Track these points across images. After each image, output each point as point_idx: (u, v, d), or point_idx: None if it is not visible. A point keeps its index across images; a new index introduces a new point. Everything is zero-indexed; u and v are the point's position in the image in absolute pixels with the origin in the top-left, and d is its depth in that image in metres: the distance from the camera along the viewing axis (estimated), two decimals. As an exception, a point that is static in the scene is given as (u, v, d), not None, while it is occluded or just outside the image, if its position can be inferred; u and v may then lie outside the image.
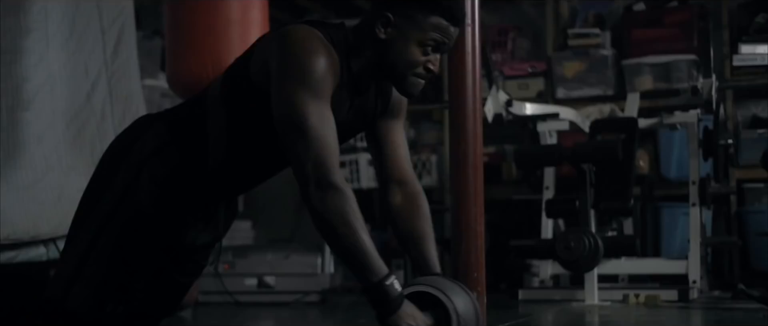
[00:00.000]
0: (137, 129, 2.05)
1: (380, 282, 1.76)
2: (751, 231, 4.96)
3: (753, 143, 5.02)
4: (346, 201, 1.77)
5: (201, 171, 1.99)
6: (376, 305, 1.78)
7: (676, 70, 5.21)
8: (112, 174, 1.98)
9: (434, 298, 1.82)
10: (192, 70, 2.91)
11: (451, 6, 1.89)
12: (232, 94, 1.94)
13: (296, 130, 1.79)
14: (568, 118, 4.44)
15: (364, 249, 1.76)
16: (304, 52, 1.82)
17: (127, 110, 3.40)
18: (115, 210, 1.95)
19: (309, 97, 1.79)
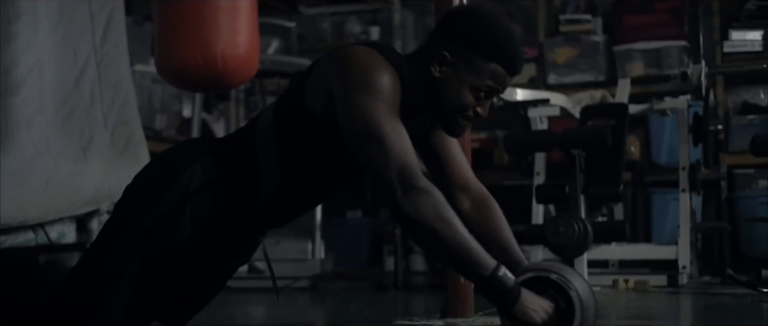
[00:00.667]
0: (183, 157, 1.97)
1: (493, 275, 1.68)
2: (741, 216, 4.99)
3: (743, 129, 5.03)
4: (438, 201, 1.70)
5: (247, 208, 1.95)
6: (494, 299, 1.70)
7: (667, 56, 5.22)
8: (153, 198, 1.91)
9: (551, 282, 1.76)
10: (181, 57, 2.90)
11: (513, 55, 1.83)
12: (285, 125, 1.89)
13: (372, 141, 1.72)
14: (558, 104, 4.45)
15: (470, 246, 1.69)
16: (370, 67, 1.79)
17: (116, 95, 3.39)
18: (150, 236, 1.90)
19: (381, 107, 1.74)
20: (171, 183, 1.92)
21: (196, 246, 1.92)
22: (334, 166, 1.95)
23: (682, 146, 4.27)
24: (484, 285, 1.69)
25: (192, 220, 1.90)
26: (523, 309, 1.70)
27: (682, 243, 4.20)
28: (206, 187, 1.91)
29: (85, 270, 1.97)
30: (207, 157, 1.94)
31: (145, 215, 1.91)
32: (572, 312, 1.74)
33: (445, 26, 1.87)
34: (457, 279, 2.70)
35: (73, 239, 3.27)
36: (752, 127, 5.06)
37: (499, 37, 1.81)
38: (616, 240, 4.18)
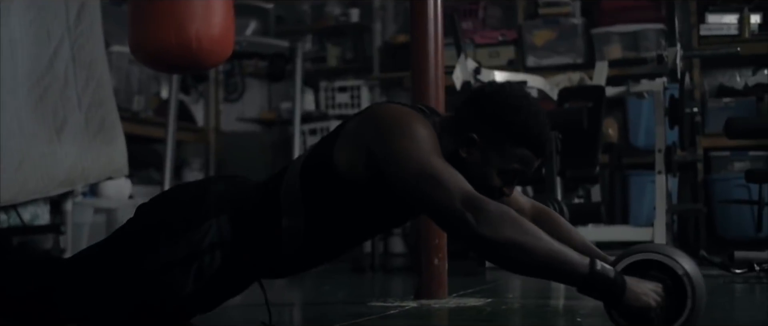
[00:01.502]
0: (201, 206, 1.90)
1: (592, 271, 1.61)
2: (717, 198, 5.03)
3: (719, 112, 5.07)
4: (514, 217, 1.65)
5: (259, 268, 1.94)
6: (601, 294, 1.64)
7: (644, 39, 5.25)
8: (162, 243, 1.88)
9: (653, 263, 1.68)
10: (155, 37, 2.87)
11: (542, 140, 1.81)
12: (314, 187, 1.86)
13: (428, 180, 1.69)
14: (536, 86, 4.46)
15: (559, 249, 1.64)
16: (406, 118, 1.78)
17: (90, 76, 3.36)
18: (151, 278, 1.87)
19: (426, 147, 1.73)
20: (183, 233, 1.88)
21: (193, 297, 1.90)
22: (361, 225, 1.94)
23: (658, 128, 4.29)
24: (586, 283, 1.63)
25: (196, 277, 1.88)
26: (634, 295, 1.63)
27: (657, 225, 4.23)
28: (218, 247, 1.88)
29: (82, 273, 1.95)
30: (225, 216, 1.89)
31: (149, 255, 1.88)
32: (683, 288, 1.67)
33: (474, 106, 1.83)
34: (430, 261, 2.71)
35: (47, 220, 3.25)
36: (728, 109, 5.10)
37: (529, 123, 1.79)
38: (592, 221, 4.20)
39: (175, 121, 4.65)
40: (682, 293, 1.66)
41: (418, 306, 2.50)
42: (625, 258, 1.71)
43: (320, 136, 5.85)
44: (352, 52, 6.28)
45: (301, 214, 1.86)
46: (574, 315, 2.28)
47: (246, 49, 4.71)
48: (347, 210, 1.86)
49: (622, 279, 1.63)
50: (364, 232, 2.01)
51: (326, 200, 1.86)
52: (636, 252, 1.71)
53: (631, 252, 1.72)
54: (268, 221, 1.89)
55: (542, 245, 1.63)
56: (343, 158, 1.82)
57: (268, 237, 1.89)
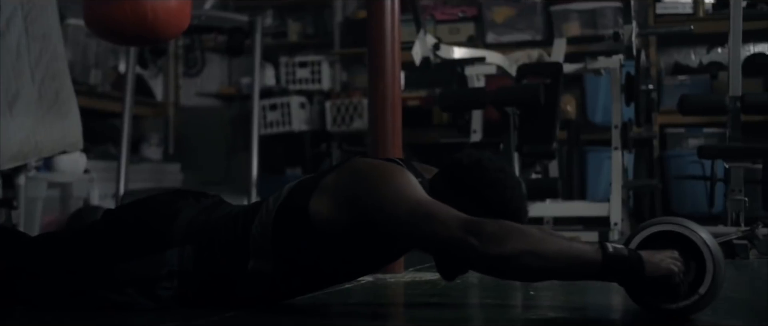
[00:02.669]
0: (166, 232, 1.89)
1: (606, 257, 1.60)
2: (672, 174, 5.11)
3: (675, 89, 5.15)
4: (513, 227, 1.64)
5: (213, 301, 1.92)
6: (622, 276, 1.62)
7: (602, 16, 5.30)
8: (120, 259, 1.88)
9: (666, 234, 1.67)
10: (109, 9, 2.83)
11: (519, 213, 1.81)
12: (287, 235, 1.84)
13: (423, 218, 1.69)
14: (494, 63, 4.48)
15: (568, 244, 1.63)
16: (386, 168, 1.80)
17: (44, 49, 3.30)
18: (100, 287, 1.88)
19: (413, 192, 1.74)
20: (144, 254, 1.88)
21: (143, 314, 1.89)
22: (329, 275, 1.94)
23: (614, 105, 4.34)
24: (605, 268, 1.61)
25: (149, 299, 1.88)
26: (654, 266, 1.61)
27: (613, 200, 4.28)
28: (176, 276, 1.88)
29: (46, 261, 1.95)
30: (189, 246, 1.88)
31: (107, 268, 1.88)
32: (700, 253, 1.65)
33: (452, 178, 1.84)
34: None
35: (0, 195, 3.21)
36: (683, 87, 5.18)
37: (506, 197, 1.79)
38: (548, 197, 4.25)
39: (133, 95, 4.60)
40: (699, 257, 1.65)
41: (373, 281, 2.51)
42: (637, 235, 1.70)
43: (280, 111, 5.83)
44: (313, 27, 6.25)
45: (270, 260, 1.86)
46: (528, 288, 2.31)
47: (204, 23, 4.66)
48: (317, 260, 1.86)
49: (637, 253, 1.63)
50: (332, 279, 2.01)
51: (298, 250, 1.85)
52: (646, 227, 1.70)
53: (642, 228, 1.71)
54: (234, 261, 1.88)
55: (551, 245, 1.62)
56: (321, 210, 1.81)
57: (231, 275, 1.88)
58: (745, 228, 3.36)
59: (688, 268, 1.65)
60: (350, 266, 1.94)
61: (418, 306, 2.05)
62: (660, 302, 1.66)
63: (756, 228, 3.31)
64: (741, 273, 2.79)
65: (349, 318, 1.77)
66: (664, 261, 1.62)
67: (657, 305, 1.67)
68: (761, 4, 4.61)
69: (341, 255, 1.86)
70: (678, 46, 5.49)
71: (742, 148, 3.53)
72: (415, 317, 1.91)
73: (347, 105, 5.71)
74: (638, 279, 1.63)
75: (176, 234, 1.89)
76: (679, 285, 1.63)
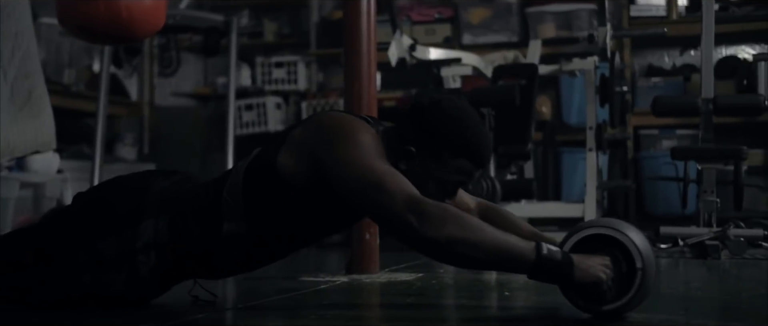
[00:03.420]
0: (141, 203, 1.90)
1: (538, 256, 1.63)
2: (645, 175, 5.15)
3: (648, 91, 5.19)
4: (456, 214, 1.66)
5: (195, 270, 1.93)
6: (551, 277, 1.65)
7: (577, 18, 5.33)
8: (96, 236, 1.87)
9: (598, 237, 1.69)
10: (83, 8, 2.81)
11: (482, 151, 1.83)
12: (257, 194, 1.85)
13: (372, 185, 1.70)
14: (470, 64, 4.49)
15: (504, 240, 1.65)
16: (351, 126, 1.79)
17: (16, 47, 3.27)
18: (82, 270, 1.87)
19: (369, 155, 1.74)
20: (119, 231, 1.87)
21: (125, 293, 1.89)
22: (303, 232, 1.94)
23: (589, 106, 4.37)
24: (535, 269, 1.64)
25: (129, 275, 1.87)
26: (583, 272, 1.64)
27: (588, 201, 4.31)
28: (153, 248, 1.88)
29: (18, 255, 1.94)
30: (163, 217, 1.88)
31: (83, 249, 1.87)
32: (631, 257, 1.68)
33: (412, 119, 1.85)
34: (362, 236, 2.72)
35: (-28, 195, 3.18)
36: (657, 88, 5.23)
37: (467, 134, 1.81)
38: (524, 197, 4.27)
39: (107, 94, 4.57)
40: (631, 263, 1.68)
41: (348, 281, 2.52)
42: (572, 236, 1.72)
43: (256, 111, 5.81)
44: (289, 27, 6.23)
45: (244, 220, 1.86)
46: (503, 288, 2.32)
47: (180, 22, 4.63)
48: (290, 216, 1.86)
49: (569, 258, 1.65)
50: (307, 237, 2.01)
51: (269, 206, 1.86)
52: (581, 229, 1.73)
53: (577, 229, 1.74)
54: (209, 226, 1.88)
55: (486, 237, 1.64)
56: (288, 163, 1.82)
57: (207, 242, 1.88)
58: (717, 229, 3.40)
59: (619, 272, 1.68)
60: (318, 223, 1.93)
61: (394, 307, 2.06)
62: (588, 303, 1.70)
63: (728, 229, 3.35)
64: (713, 273, 2.82)
65: (324, 320, 1.77)
66: (593, 267, 1.65)
67: (585, 306, 1.71)
68: (733, 8, 4.67)
69: (309, 211, 1.86)
70: (652, 48, 5.54)
71: (714, 150, 3.57)
72: (391, 317, 1.91)
73: (323, 105, 5.70)
74: (567, 282, 1.66)
75: (149, 206, 1.89)
76: (605, 291, 1.66)
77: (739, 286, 2.51)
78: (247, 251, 1.90)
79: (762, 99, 3.65)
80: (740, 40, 5.32)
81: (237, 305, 2.09)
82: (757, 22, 4.81)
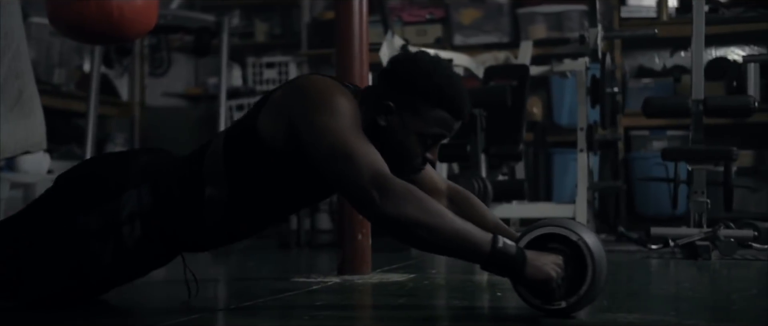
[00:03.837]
0: (123, 175, 1.91)
1: (494, 249, 1.66)
2: (636, 176, 5.17)
3: (639, 92, 5.21)
4: (419, 196, 1.67)
5: (181, 239, 1.93)
6: (503, 271, 1.68)
7: (568, 19, 5.34)
8: (80, 211, 1.88)
9: (553, 236, 1.73)
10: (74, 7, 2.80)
11: (459, 100, 1.82)
12: (237, 157, 1.87)
13: (340, 157, 1.71)
14: (462, 64, 4.50)
15: (462, 228, 1.67)
16: (328, 91, 1.78)
17: (6, 47, 3.25)
18: (68, 246, 1.87)
19: (344, 123, 1.74)
20: (101, 203, 1.88)
21: (113, 267, 1.89)
22: (285, 197, 1.94)
23: (580, 107, 4.38)
24: (489, 260, 1.67)
25: (114, 248, 1.88)
26: (533, 269, 1.67)
27: (579, 202, 4.32)
28: (137, 217, 1.88)
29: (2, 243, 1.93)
30: (145, 186, 1.89)
31: (68, 223, 1.88)
32: (582, 258, 1.71)
33: (389, 75, 1.86)
34: (354, 236, 2.72)
35: (-38, 196, 3.17)
36: (647, 90, 5.25)
37: (442, 85, 1.81)
38: (515, 198, 4.27)
39: (98, 94, 4.56)
40: (582, 263, 1.71)
41: (340, 282, 2.52)
42: (528, 233, 1.76)
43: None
44: (280, 27, 6.23)
45: (225, 184, 1.87)
46: (495, 289, 2.32)
47: (171, 23, 4.63)
48: (271, 179, 1.87)
49: (523, 254, 1.68)
50: (289, 204, 2.01)
51: (250, 169, 1.87)
52: (538, 227, 1.76)
53: (534, 227, 1.77)
54: (191, 191, 1.89)
55: (445, 223, 1.66)
56: (267, 126, 1.84)
57: (190, 208, 1.89)
58: (707, 230, 3.41)
59: (570, 271, 1.71)
60: (298, 188, 1.93)
61: (386, 308, 2.06)
62: (536, 300, 1.73)
63: (718, 230, 3.37)
64: (703, 274, 2.83)
65: (317, 320, 1.77)
66: (546, 265, 1.68)
67: (534, 303, 1.74)
68: (722, 9, 4.69)
69: (288, 175, 1.86)
70: (642, 49, 5.56)
71: (704, 151, 3.59)
72: (383, 318, 1.92)
73: (315, 106, 5.71)
74: (518, 277, 1.69)
75: (132, 177, 1.91)
76: (554, 290, 1.69)
77: (730, 287, 2.52)
78: (230, 217, 1.91)
79: (752, 100, 3.66)
80: (730, 42, 5.35)
81: (229, 306, 2.09)
82: (746, 23, 4.83)
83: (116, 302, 2.08)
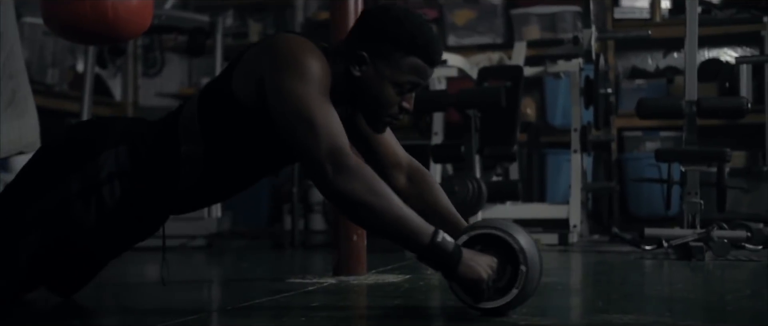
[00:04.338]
0: (98, 139, 1.93)
1: (432, 242, 1.68)
2: (629, 177, 5.19)
3: (632, 93, 5.23)
4: (370, 176, 1.69)
5: (161, 198, 1.94)
6: (437, 265, 1.71)
7: (562, 20, 5.36)
8: (59, 177, 1.89)
9: (493, 238, 1.76)
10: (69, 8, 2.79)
11: (431, 46, 1.83)
12: (211, 115, 1.88)
13: (303, 123, 1.72)
14: (456, 65, 4.50)
15: (407, 216, 1.69)
16: (300, 51, 1.78)
17: (0, 47, 3.25)
18: (51, 215, 1.87)
19: (311, 89, 1.74)
20: (80, 166, 1.89)
21: (97, 232, 1.90)
22: (260, 155, 1.94)
23: (574, 108, 4.40)
24: (426, 252, 1.70)
25: (97, 209, 1.88)
26: (466, 268, 1.70)
27: (572, 203, 4.33)
28: (117, 177, 1.89)
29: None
30: (123, 146, 1.91)
31: (48, 192, 1.88)
32: (517, 263, 1.75)
33: (361, 26, 1.87)
34: (349, 237, 2.72)
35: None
36: (640, 90, 5.27)
37: (414, 32, 1.81)
38: (509, 199, 4.28)
39: (91, 94, 4.55)
40: (515, 266, 1.75)
41: (336, 283, 2.52)
42: (467, 232, 1.79)
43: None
44: (274, 28, 6.23)
45: (200, 141, 1.89)
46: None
47: (165, 23, 4.62)
48: (244, 137, 1.88)
49: (459, 252, 1.71)
50: (263, 163, 2.01)
51: (223, 126, 1.89)
52: (478, 227, 1.80)
53: (474, 226, 1.81)
54: (167, 149, 1.92)
55: (390, 209, 1.68)
56: (239, 85, 1.85)
57: (167, 166, 1.92)
58: (701, 231, 3.43)
59: (505, 272, 1.76)
60: (271, 147, 1.93)
61: (382, 309, 2.06)
62: (467, 298, 1.76)
63: (711, 231, 3.38)
64: (697, 275, 2.84)
65: (312, 321, 1.77)
66: (479, 266, 1.72)
67: (465, 300, 1.77)
68: (715, 11, 4.71)
69: (261, 133, 1.86)
70: (635, 50, 5.58)
71: (697, 152, 3.60)
72: (379, 318, 1.92)
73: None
74: (450, 274, 1.72)
75: (108, 139, 1.93)
76: (484, 291, 1.73)
77: (724, 288, 2.53)
78: (207, 176, 1.92)
79: (745, 101, 3.67)
80: (722, 43, 5.37)
81: (225, 307, 2.09)
82: (739, 25, 4.85)
83: (114, 304, 2.08)
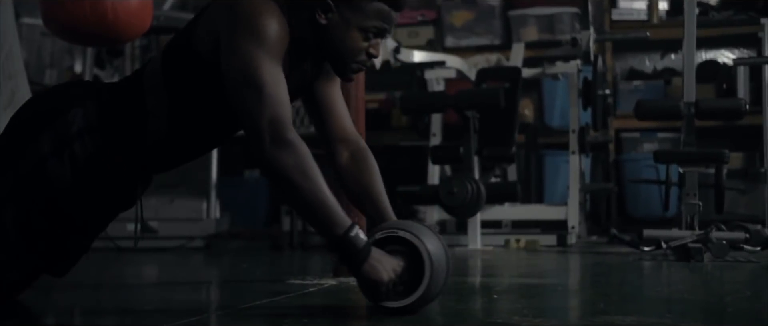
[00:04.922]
0: (63, 98, 1.96)
1: (345, 234, 1.72)
2: (627, 178, 5.19)
3: (630, 94, 5.24)
4: (303, 155, 1.72)
5: (132, 153, 1.94)
6: (344, 258, 1.75)
7: (560, 21, 5.36)
8: (30, 140, 1.90)
9: (403, 241, 1.80)
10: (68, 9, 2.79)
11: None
12: (174, 69, 1.89)
13: (250, 87, 1.73)
14: (454, 66, 4.51)
15: (327, 203, 1.73)
16: (257, 12, 1.77)
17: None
18: (27, 179, 1.88)
19: (263, 54, 1.74)
20: (49, 125, 1.91)
21: (75, 190, 1.91)
22: (224, 110, 1.92)
23: (572, 109, 4.40)
24: (336, 244, 1.74)
25: (71, 164, 1.90)
26: (370, 268, 1.74)
27: (571, 204, 4.34)
28: (87, 132, 1.91)
29: None
30: (90, 102, 1.94)
31: (21, 158, 1.90)
32: (422, 269, 1.78)
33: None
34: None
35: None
36: (638, 92, 5.27)
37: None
38: (507, 200, 4.29)
39: (89, 96, 4.54)
40: (420, 273, 1.78)
41: (336, 284, 2.52)
42: (381, 231, 1.82)
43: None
44: (272, 28, 6.22)
45: (164, 95, 1.90)
46: (491, 291, 2.33)
47: (163, 24, 4.62)
48: (207, 90, 1.89)
49: (367, 251, 1.74)
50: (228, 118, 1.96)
51: (186, 79, 1.90)
52: (392, 228, 1.83)
53: (390, 226, 1.84)
54: (134, 104, 1.93)
55: (314, 192, 1.71)
56: (200, 39, 1.85)
57: (134, 120, 1.93)
58: (699, 232, 3.43)
59: (410, 275, 1.78)
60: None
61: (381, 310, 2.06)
62: (368, 297, 1.81)
63: (710, 232, 3.38)
64: (696, 276, 2.85)
65: (312, 323, 1.77)
66: (383, 268, 1.75)
67: (367, 298, 1.82)
68: (712, 12, 4.72)
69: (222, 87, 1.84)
70: (633, 51, 5.59)
71: (696, 153, 3.60)
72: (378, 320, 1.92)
73: (307, 108, 5.70)
74: (354, 270, 1.76)
75: (75, 97, 1.96)
76: (384, 293, 1.77)
77: (723, 289, 2.53)
78: (174, 131, 1.93)
79: (742, 103, 3.68)
80: (720, 45, 5.38)
81: (225, 309, 2.09)
82: (736, 26, 4.86)
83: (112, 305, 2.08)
